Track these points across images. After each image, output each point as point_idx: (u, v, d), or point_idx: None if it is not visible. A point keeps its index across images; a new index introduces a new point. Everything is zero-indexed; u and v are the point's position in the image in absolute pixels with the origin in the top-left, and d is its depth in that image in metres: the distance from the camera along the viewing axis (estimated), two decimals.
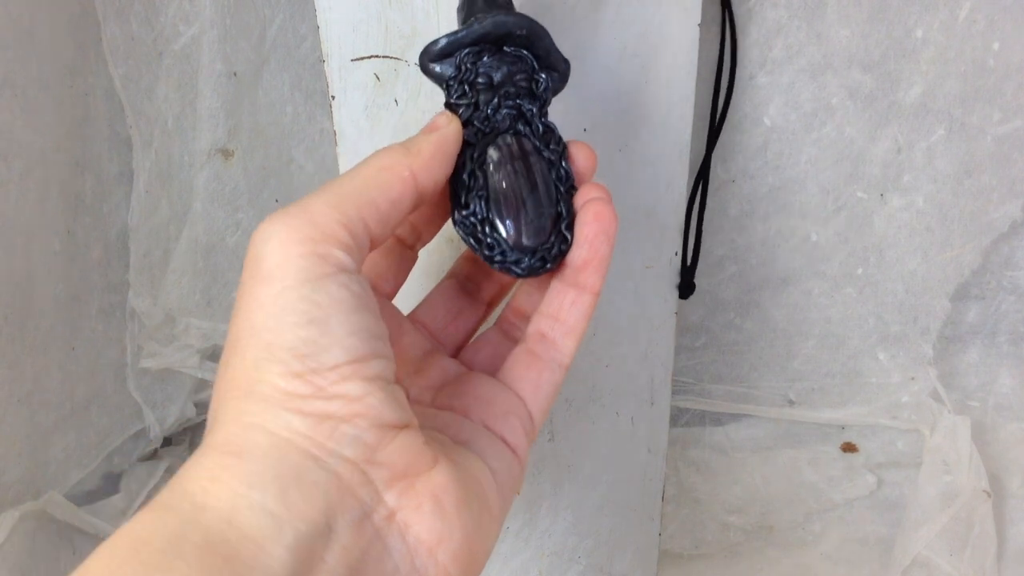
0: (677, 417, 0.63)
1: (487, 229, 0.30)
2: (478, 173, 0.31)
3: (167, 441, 0.65)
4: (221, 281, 0.58)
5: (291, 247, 0.23)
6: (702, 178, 0.47)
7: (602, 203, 0.30)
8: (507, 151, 0.31)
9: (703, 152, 0.53)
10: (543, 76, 0.33)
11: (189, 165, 0.55)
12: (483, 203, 0.30)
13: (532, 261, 0.30)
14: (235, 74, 0.53)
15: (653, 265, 0.43)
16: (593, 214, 0.30)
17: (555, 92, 0.33)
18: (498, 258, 0.30)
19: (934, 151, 0.53)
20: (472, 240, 0.30)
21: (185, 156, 0.55)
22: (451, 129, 0.29)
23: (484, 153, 0.31)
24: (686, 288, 0.45)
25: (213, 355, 0.63)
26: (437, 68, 0.32)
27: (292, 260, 0.23)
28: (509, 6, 0.33)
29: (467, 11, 0.33)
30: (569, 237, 0.31)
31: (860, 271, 0.56)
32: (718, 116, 0.48)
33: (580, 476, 0.46)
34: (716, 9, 0.49)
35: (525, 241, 0.30)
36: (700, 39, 0.40)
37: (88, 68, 0.52)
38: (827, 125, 0.52)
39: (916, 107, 0.52)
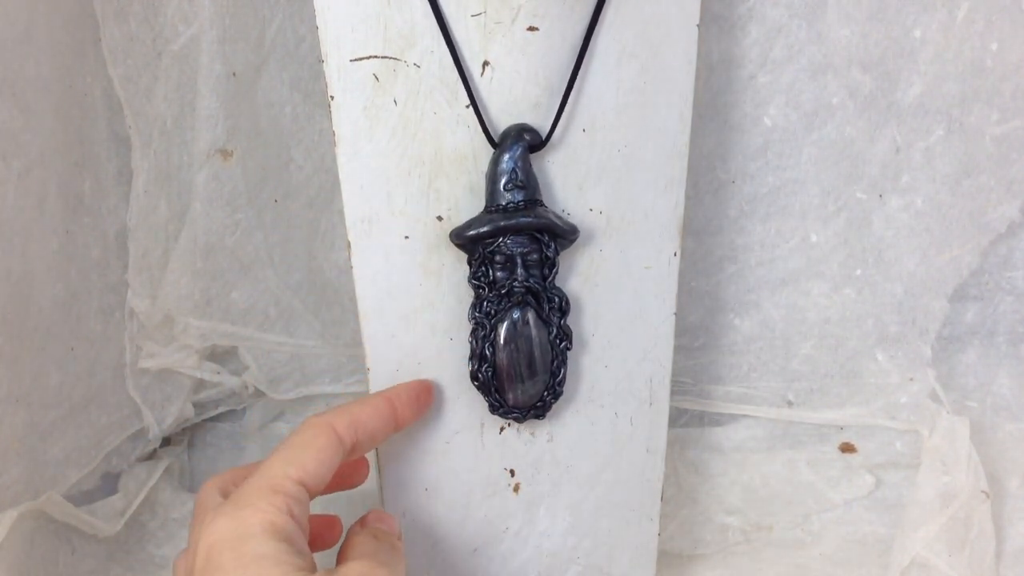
0: (676, 417, 0.63)
1: (494, 391, 0.41)
2: (487, 352, 0.40)
3: (166, 441, 0.65)
4: (220, 281, 0.58)
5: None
6: None
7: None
8: (512, 333, 0.40)
9: (703, 152, 0.53)
10: (552, 252, 0.39)
11: (188, 165, 0.55)
12: (492, 374, 0.41)
13: (526, 415, 0.42)
14: (234, 74, 0.53)
15: (652, 266, 0.43)
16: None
17: (565, 248, 0.40)
18: (501, 411, 0.42)
19: (933, 152, 0.53)
20: (483, 394, 0.41)
21: (184, 156, 0.55)
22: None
23: (494, 333, 0.40)
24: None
25: (212, 355, 0.63)
26: (464, 245, 0.39)
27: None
28: (530, 188, 0.38)
29: (490, 190, 0.39)
30: (560, 390, 0.42)
31: (859, 272, 0.56)
32: None
33: (579, 476, 0.46)
34: (716, 9, 0.49)
35: (522, 403, 0.41)
36: (700, 39, 0.40)
37: (87, 68, 0.52)
38: (827, 125, 0.52)
39: (915, 107, 0.52)
